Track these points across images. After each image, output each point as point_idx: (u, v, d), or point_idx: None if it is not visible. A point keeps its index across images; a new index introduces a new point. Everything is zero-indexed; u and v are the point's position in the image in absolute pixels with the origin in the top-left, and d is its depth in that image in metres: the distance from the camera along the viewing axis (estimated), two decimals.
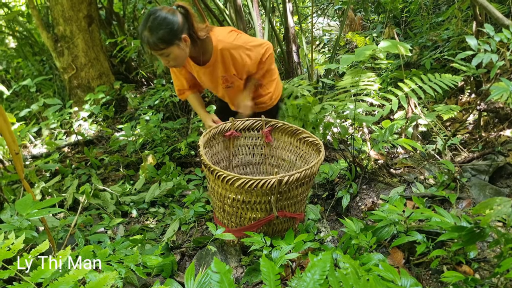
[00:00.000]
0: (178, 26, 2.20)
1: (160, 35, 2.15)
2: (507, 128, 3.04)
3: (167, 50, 2.21)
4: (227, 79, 2.51)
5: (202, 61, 2.44)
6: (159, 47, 2.18)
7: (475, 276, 1.66)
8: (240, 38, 2.43)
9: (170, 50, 2.21)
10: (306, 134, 2.35)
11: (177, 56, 2.26)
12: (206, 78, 2.56)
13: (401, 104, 2.40)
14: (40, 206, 1.53)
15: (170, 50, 2.22)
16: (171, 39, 2.18)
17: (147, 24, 2.16)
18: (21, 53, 6.16)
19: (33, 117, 5.20)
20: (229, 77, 2.50)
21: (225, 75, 2.49)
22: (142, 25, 2.19)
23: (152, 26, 2.15)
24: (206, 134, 2.28)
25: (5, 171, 3.45)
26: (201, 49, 2.37)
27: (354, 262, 1.36)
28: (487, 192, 2.23)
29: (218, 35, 2.38)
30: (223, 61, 2.40)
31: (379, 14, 6.38)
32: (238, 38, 2.42)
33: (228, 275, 1.22)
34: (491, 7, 2.35)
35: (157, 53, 2.24)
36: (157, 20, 2.16)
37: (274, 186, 1.80)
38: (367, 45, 2.43)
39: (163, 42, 2.17)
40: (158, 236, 2.57)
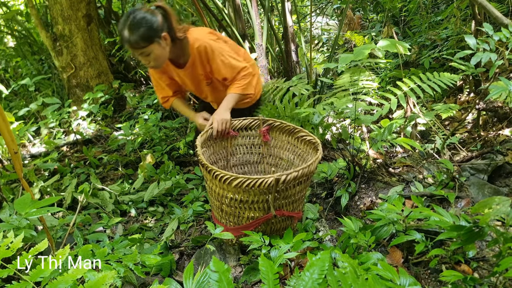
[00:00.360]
0: (158, 24, 2.22)
1: (140, 33, 2.17)
2: (506, 127, 3.04)
3: (148, 48, 2.22)
4: (207, 76, 2.54)
5: (181, 62, 2.47)
6: (140, 45, 2.20)
7: (474, 275, 1.66)
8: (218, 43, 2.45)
9: (151, 48, 2.23)
10: (303, 132, 2.35)
11: (158, 55, 2.28)
12: (188, 80, 2.59)
13: (400, 103, 2.40)
14: (39, 205, 1.53)
15: (151, 49, 2.23)
16: (151, 37, 2.20)
17: (127, 23, 2.18)
18: (20, 52, 6.15)
19: (32, 116, 5.19)
20: (208, 75, 2.53)
21: (203, 73, 2.52)
22: (121, 25, 2.19)
23: (132, 24, 2.17)
24: (204, 133, 2.29)
25: (4, 170, 3.45)
26: (179, 50, 2.41)
27: (353, 261, 1.36)
28: (486, 191, 2.24)
29: (195, 34, 2.40)
30: (201, 59, 2.42)
31: (378, 13, 6.38)
32: (217, 42, 2.45)
33: (226, 274, 1.22)
34: (490, 6, 2.35)
35: (138, 52, 2.25)
36: (137, 18, 2.18)
37: (272, 185, 1.80)
38: (366, 44, 2.43)
39: (144, 40, 2.19)
40: (156, 235, 2.57)
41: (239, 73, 2.46)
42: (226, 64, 2.43)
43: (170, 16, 2.32)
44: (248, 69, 2.49)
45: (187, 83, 2.63)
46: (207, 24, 3.95)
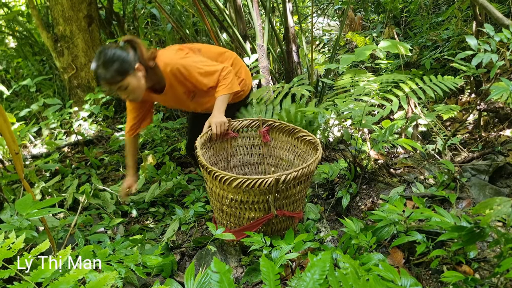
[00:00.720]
0: (130, 57, 2.30)
1: (114, 67, 2.24)
2: (507, 128, 3.03)
3: (124, 82, 2.29)
4: (190, 91, 2.57)
5: (159, 88, 2.52)
6: (116, 79, 2.27)
7: (475, 276, 1.66)
8: (189, 57, 2.47)
9: (127, 81, 2.30)
10: (303, 132, 2.35)
11: (135, 87, 2.35)
12: (172, 101, 2.66)
13: (401, 104, 2.40)
14: (40, 206, 1.53)
15: (127, 82, 2.30)
16: (126, 70, 2.28)
17: (100, 61, 2.26)
18: (21, 53, 6.16)
19: (33, 117, 5.20)
20: (190, 89, 2.56)
21: (185, 90, 2.55)
22: (95, 64, 2.27)
23: (105, 61, 2.25)
24: (203, 135, 2.29)
25: (5, 171, 3.45)
26: (154, 77, 2.46)
27: (354, 262, 1.36)
28: (487, 192, 2.23)
29: (163, 58, 2.44)
30: (178, 80, 2.46)
31: (379, 14, 6.38)
32: (187, 56, 2.46)
33: (228, 275, 1.22)
34: (491, 7, 2.35)
35: (115, 87, 2.31)
36: (108, 55, 2.26)
37: (272, 185, 1.80)
38: (367, 45, 2.43)
39: (119, 74, 2.26)
40: (158, 236, 2.57)
41: (220, 75, 2.45)
42: (204, 75, 2.43)
43: (140, 46, 2.38)
44: (226, 68, 2.47)
45: (170, 104, 2.74)
46: (208, 25, 3.95)
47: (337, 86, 2.79)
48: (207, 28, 4.02)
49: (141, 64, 2.36)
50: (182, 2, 5.36)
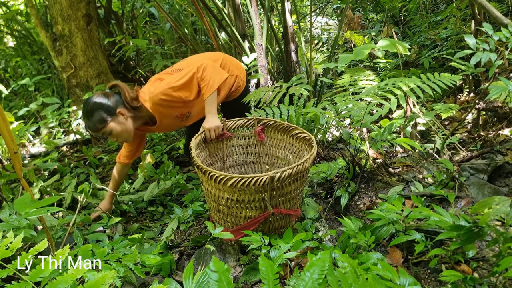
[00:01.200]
0: (110, 104, 2.40)
1: (95, 117, 2.36)
2: (505, 127, 3.04)
3: (106, 128, 2.39)
4: (182, 114, 2.64)
5: (152, 122, 2.61)
6: (98, 127, 2.38)
7: (474, 275, 1.66)
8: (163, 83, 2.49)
9: (109, 128, 2.40)
10: (298, 130, 2.35)
11: (120, 131, 2.44)
12: (170, 126, 2.74)
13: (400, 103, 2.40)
14: (39, 205, 1.53)
15: (109, 128, 2.40)
16: (105, 118, 2.38)
17: (84, 112, 2.40)
18: (20, 52, 6.15)
19: (32, 116, 5.20)
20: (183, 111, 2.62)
21: (178, 114, 2.61)
22: (82, 115, 2.42)
23: (87, 112, 2.38)
24: (198, 135, 2.30)
25: (3, 170, 3.45)
26: (143, 115, 2.54)
27: (353, 261, 1.36)
28: (486, 191, 2.24)
29: (143, 95, 2.50)
30: (165, 109, 2.51)
31: (377, 13, 6.37)
32: (160, 84, 2.48)
33: (226, 274, 1.22)
34: (490, 6, 2.35)
35: (99, 134, 2.44)
36: (89, 105, 2.38)
37: (267, 183, 1.80)
38: (366, 44, 2.42)
39: (100, 122, 2.37)
40: (156, 235, 2.57)
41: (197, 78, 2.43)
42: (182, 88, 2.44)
43: (123, 90, 2.46)
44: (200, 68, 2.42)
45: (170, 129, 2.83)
46: (207, 24, 3.95)
47: (336, 85, 2.79)
48: (205, 27, 4.02)
49: (125, 107, 2.44)
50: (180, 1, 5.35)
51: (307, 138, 2.28)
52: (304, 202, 2.42)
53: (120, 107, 2.43)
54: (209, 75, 2.41)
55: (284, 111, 2.78)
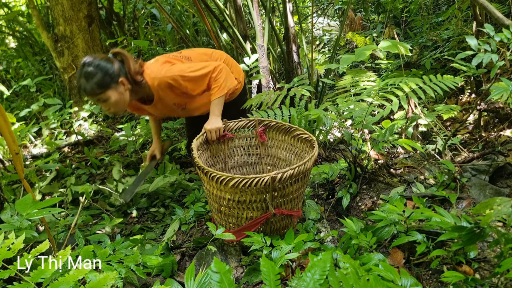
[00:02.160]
0: (114, 70, 2.28)
1: (96, 79, 2.22)
2: (507, 128, 3.03)
3: (104, 94, 2.26)
4: (179, 104, 2.58)
5: (148, 100, 2.52)
6: (96, 92, 2.24)
7: (475, 276, 1.66)
8: (174, 67, 2.43)
9: (107, 94, 2.27)
10: (299, 131, 2.35)
11: (117, 101, 2.32)
12: (161, 110, 2.65)
13: (401, 104, 2.40)
14: (40, 206, 1.53)
15: (108, 95, 2.27)
16: (107, 83, 2.25)
17: (83, 71, 2.24)
18: (21, 53, 6.16)
19: (33, 117, 5.20)
20: (181, 101, 2.56)
21: (175, 102, 2.55)
22: (78, 74, 2.26)
23: (87, 72, 2.22)
24: (200, 136, 2.30)
25: (5, 171, 3.45)
26: (142, 91, 2.45)
27: (354, 262, 1.36)
28: (487, 192, 2.23)
29: (150, 72, 2.42)
30: (166, 93, 2.45)
31: (379, 14, 6.38)
32: (172, 68, 2.42)
33: (228, 275, 1.22)
34: (491, 7, 2.35)
35: (95, 99, 2.30)
36: (92, 66, 2.24)
37: (268, 183, 1.80)
38: (367, 45, 2.42)
39: (100, 86, 2.23)
40: (158, 236, 2.57)
41: (210, 78, 2.43)
42: (193, 81, 2.41)
43: (128, 60, 2.36)
44: (217, 68, 2.43)
45: (162, 112, 2.73)
46: (208, 25, 3.96)
47: (338, 86, 2.79)
48: (207, 28, 4.02)
49: (126, 78, 2.34)
50: (182, 2, 5.36)
51: (308, 139, 2.28)
52: (305, 203, 2.42)
53: (122, 77, 2.32)
54: (223, 78, 2.42)
55: (286, 113, 2.78)
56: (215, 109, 2.42)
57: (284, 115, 2.76)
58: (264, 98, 2.86)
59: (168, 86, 2.40)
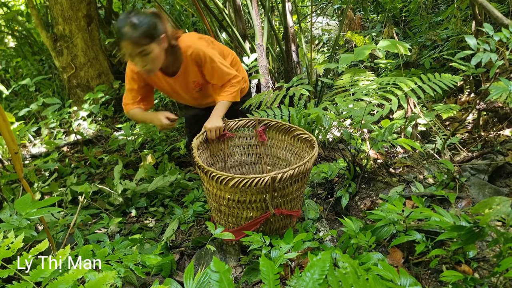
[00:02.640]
0: (158, 24, 2.21)
1: (143, 29, 2.13)
2: (506, 128, 3.04)
3: (149, 46, 2.17)
4: (198, 83, 2.55)
5: (172, 71, 2.46)
6: (141, 42, 2.14)
7: (475, 275, 1.66)
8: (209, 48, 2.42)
9: (152, 47, 2.18)
10: (299, 131, 2.35)
11: (156, 57, 2.24)
12: (178, 87, 2.58)
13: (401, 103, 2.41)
14: (39, 206, 1.53)
15: (151, 48, 2.18)
16: (153, 35, 2.17)
17: (128, 20, 2.13)
18: (21, 52, 6.15)
19: (32, 116, 5.20)
20: (200, 81, 2.54)
21: (196, 80, 2.52)
22: (121, 22, 2.14)
23: (134, 21, 2.12)
24: (200, 136, 2.29)
25: (4, 171, 3.45)
26: (172, 57, 2.39)
27: (353, 262, 1.36)
28: (486, 191, 2.23)
29: (186, 40, 2.39)
30: (193, 66, 2.43)
31: (378, 13, 6.37)
32: (207, 47, 2.42)
33: (227, 275, 1.22)
34: (491, 6, 2.35)
35: (137, 51, 2.17)
36: (138, 16, 2.15)
37: (268, 183, 1.80)
38: (366, 45, 2.42)
39: (146, 36, 2.14)
40: (157, 235, 2.57)
41: (230, 81, 2.49)
42: (217, 71, 2.44)
43: (165, 21, 2.31)
44: (237, 77, 2.51)
45: (177, 90, 2.61)
46: (207, 24, 3.95)
47: (336, 86, 2.79)
48: (206, 27, 4.01)
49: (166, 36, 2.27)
50: (181, 1, 5.36)
51: (308, 139, 2.27)
52: (304, 202, 2.42)
53: (164, 34, 2.24)
54: (237, 88, 2.50)
55: (285, 112, 2.78)
56: (219, 110, 2.44)
57: (283, 115, 2.76)
58: (263, 97, 2.86)
59: (197, 60, 2.40)
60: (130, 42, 2.14)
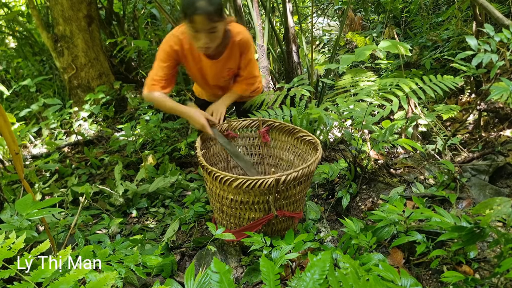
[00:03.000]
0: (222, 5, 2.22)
1: (217, 6, 2.11)
2: (507, 128, 3.04)
3: (219, 24, 2.16)
4: (233, 72, 2.58)
5: (214, 54, 2.42)
6: (215, 18, 2.12)
7: (475, 276, 1.66)
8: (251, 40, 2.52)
9: (220, 26, 2.18)
10: (303, 133, 2.35)
11: (219, 36, 2.24)
12: (211, 71, 2.53)
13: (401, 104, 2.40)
14: (40, 206, 1.53)
15: (220, 26, 2.18)
16: (222, 13, 2.17)
17: None
18: (21, 53, 6.16)
19: (33, 117, 5.20)
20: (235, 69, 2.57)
21: (232, 67, 2.53)
22: None
23: None
24: (203, 135, 2.29)
25: (5, 171, 3.45)
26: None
27: (354, 262, 1.36)
28: (487, 192, 2.23)
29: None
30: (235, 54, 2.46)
31: (379, 14, 6.38)
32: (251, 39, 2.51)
33: (228, 275, 1.22)
34: (491, 7, 2.35)
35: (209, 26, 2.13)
36: None
37: (272, 185, 1.80)
38: (367, 45, 2.42)
39: (219, 14, 2.14)
40: (158, 236, 2.57)
41: (253, 78, 2.59)
42: (251, 65, 2.54)
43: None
44: (259, 78, 2.66)
45: (206, 75, 2.56)
46: None
47: (337, 86, 2.78)
48: None
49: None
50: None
51: (312, 141, 2.27)
52: (305, 203, 2.42)
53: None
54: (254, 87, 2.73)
55: (287, 113, 2.78)
56: (228, 98, 2.56)
57: (285, 115, 2.76)
58: (264, 98, 2.86)
59: (243, 47, 2.44)
60: (205, 17, 2.09)
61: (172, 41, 2.38)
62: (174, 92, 4.23)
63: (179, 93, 4.53)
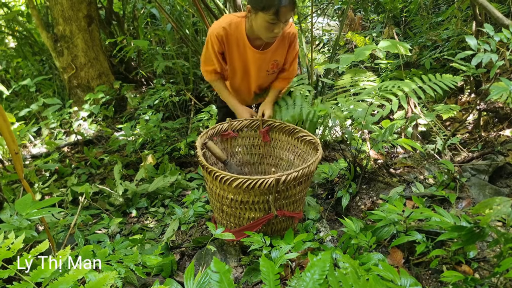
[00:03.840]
0: None
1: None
2: (506, 128, 3.04)
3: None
4: (278, 65, 2.56)
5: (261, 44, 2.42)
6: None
7: (475, 275, 1.66)
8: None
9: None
10: (303, 133, 2.35)
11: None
12: (256, 63, 2.52)
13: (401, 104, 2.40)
14: (40, 206, 1.53)
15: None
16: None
17: None
18: (21, 53, 6.15)
19: (33, 117, 5.20)
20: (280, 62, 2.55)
21: (278, 60, 2.52)
22: None
23: None
24: (203, 135, 2.29)
25: (4, 171, 3.45)
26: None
27: (354, 262, 1.36)
28: (487, 191, 2.23)
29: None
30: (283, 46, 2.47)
31: (378, 14, 6.38)
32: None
33: (227, 275, 1.22)
34: (491, 6, 2.35)
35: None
36: None
37: (272, 185, 1.79)
38: (367, 45, 2.42)
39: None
40: (157, 236, 2.57)
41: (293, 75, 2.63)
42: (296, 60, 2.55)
43: None
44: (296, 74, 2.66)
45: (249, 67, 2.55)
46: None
47: (337, 86, 2.79)
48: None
49: None
50: (181, 2, 5.36)
51: (312, 141, 2.27)
52: (305, 203, 2.42)
53: None
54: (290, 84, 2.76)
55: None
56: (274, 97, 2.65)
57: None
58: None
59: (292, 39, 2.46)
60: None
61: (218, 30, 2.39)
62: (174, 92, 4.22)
63: (178, 93, 4.53)
